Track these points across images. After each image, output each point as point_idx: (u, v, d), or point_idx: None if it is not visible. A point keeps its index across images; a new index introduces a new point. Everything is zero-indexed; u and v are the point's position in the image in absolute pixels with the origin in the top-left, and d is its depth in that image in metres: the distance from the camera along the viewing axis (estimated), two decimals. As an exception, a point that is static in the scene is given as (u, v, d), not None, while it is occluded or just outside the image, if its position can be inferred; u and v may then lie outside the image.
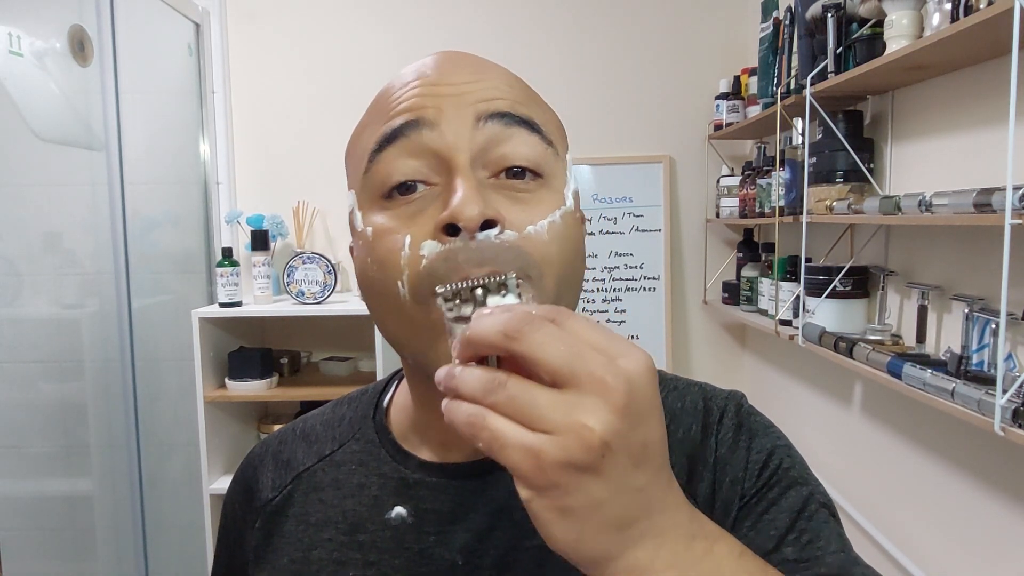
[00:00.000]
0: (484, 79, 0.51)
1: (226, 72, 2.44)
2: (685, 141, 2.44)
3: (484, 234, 0.46)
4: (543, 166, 0.50)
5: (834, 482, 1.80)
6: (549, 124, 0.53)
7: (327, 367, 2.34)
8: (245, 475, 0.65)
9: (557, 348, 0.34)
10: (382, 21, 2.43)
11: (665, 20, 2.41)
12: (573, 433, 0.33)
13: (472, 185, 0.47)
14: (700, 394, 0.59)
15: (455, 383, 0.36)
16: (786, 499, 0.51)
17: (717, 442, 0.55)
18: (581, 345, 0.35)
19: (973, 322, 1.18)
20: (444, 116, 0.49)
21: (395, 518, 0.56)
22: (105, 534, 2.20)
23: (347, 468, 0.60)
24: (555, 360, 0.34)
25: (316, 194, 2.43)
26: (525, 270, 0.47)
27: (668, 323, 2.42)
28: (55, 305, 2.21)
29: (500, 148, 0.49)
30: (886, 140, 1.53)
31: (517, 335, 0.35)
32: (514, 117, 0.50)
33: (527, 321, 0.35)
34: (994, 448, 1.22)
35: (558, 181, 0.52)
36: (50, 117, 1.98)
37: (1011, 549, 1.19)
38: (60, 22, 1.96)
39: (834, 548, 0.50)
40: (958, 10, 1.11)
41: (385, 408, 0.63)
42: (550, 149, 0.51)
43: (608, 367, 0.34)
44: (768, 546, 0.50)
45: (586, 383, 0.34)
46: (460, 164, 0.48)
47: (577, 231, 0.52)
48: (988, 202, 1.01)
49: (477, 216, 0.46)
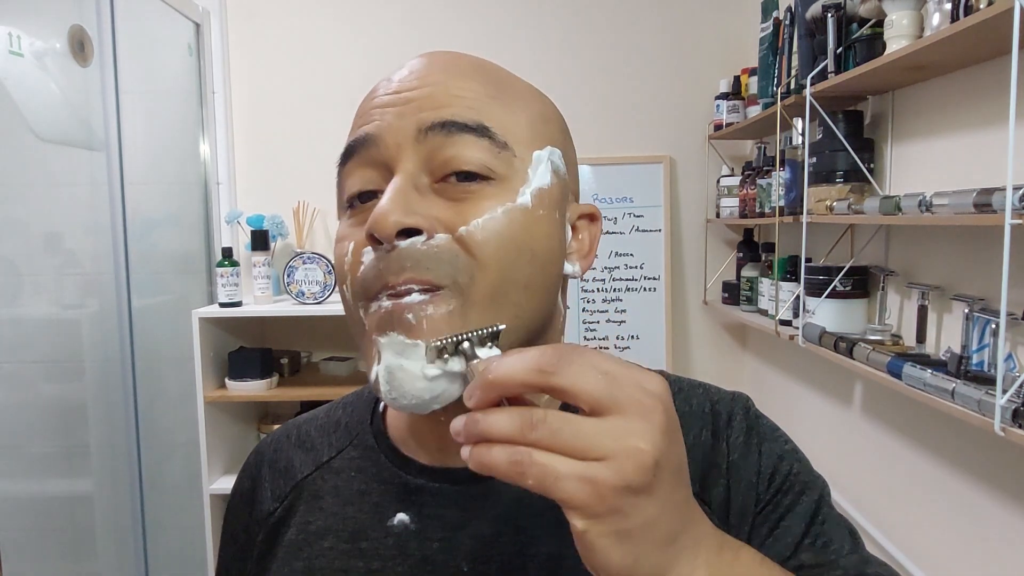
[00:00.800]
0: (437, 83, 0.50)
1: (226, 72, 2.44)
2: (685, 141, 2.44)
3: (409, 242, 0.46)
4: (493, 169, 0.49)
5: (834, 482, 1.80)
6: (512, 123, 0.51)
7: (327, 367, 2.34)
8: (244, 487, 0.64)
9: (594, 376, 0.35)
10: (382, 21, 2.43)
11: (665, 20, 2.41)
12: (627, 456, 0.34)
13: (396, 194, 0.47)
14: (706, 396, 0.59)
15: (482, 428, 0.36)
16: (800, 505, 0.53)
17: (729, 447, 0.55)
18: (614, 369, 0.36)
19: (973, 322, 1.18)
20: (389, 129, 0.49)
21: (397, 525, 0.55)
22: (105, 534, 2.20)
23: (346, 475, 0.59)
24: (595, 390, 0.35)
25: (316, 194, 2.43)
26: (451, 276, 0.46)
27: (668, 323, 2.42)
28: (55, 305, 2.21)
29: (444, 153, 0.48)
30: (886, 140, 1.53)
31: (553, 369, 0.35)
32: (457, 124, 0.48)
33: (559, 355, 0.35)
34: (994, 448, 1.22)
35: (514, 181, 0.49)
36: (50, 117, 1.98)
37: (1011, 549, 1.19)
38: (60, 22, 1.96)
39: (847, 549, 0.52)
40: (958, 10, 1.11)
41: (382, 413, 0.62)
42: (503, 152, 0.49)
43: (643, 391, 0.36)
44: (786, 553, 0.51)
45: (628, 408, 0.35)
46: (396, 172, 0.49)
47: (532, 229, 0.49)
48: (988, 202, 1.01)
49: (391, 226, 0.46)
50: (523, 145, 0.51)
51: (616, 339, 2.45)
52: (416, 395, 0.46)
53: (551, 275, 0.52)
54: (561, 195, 0.53)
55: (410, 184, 0.48)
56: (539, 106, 0.55)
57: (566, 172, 0.54)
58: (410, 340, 0.46)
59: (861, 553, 0.52)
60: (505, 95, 0.52)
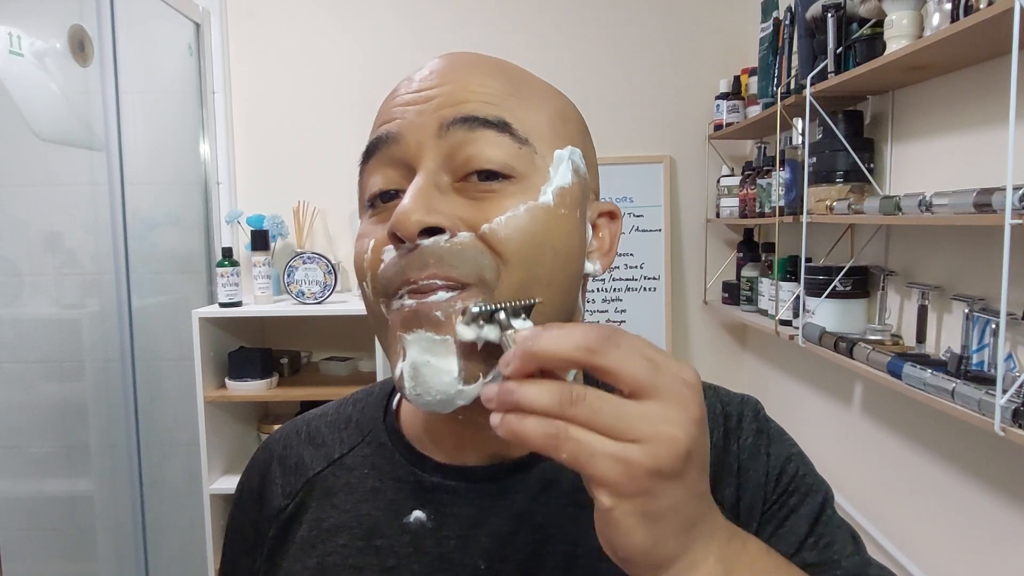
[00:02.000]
0: (458, 81, 0.50)
1: (226, 72, 2.44)
2: (685, 141, 2.44)
3: (431, 240, 0.46)
4: (514, 166, 0.49)
5: (834, 482, 1.79)
6: (532, 121, 0.51)
7: (327, 367, 2.34)
8: (252, 484, 0.64)
9: (639, 362, 0.36)
10: (382, 21, 2.43)
11: (665, 20, 2.41)
12: (663, 442, 0.35)
13: (419, 192, 0.47)
14: (716, 398, 0.60)
15: (518, 397, 0.36)
16: (805, 506, 0.55)
17: (739, 448, 0.56)
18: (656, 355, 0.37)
19: (973, 322, 1.18)
20: (411, 127, 0.49)
21: (414, 522, 0.55)
22: (105, 534, 2.20)
23: (359, 472, 0.59)
24: (639, 374, 0.36)
25: (316, 194, 2.42)
26: (476, 273, 0.46)
27: (668, 323, 2.42)
28: (55, 305, 2.21)
29: (465, 151, 0.49)
30: (886, 140, 1.53)
31: (600, 348, 0.36)
32: (478, 119, 0.49)
33: (606, 336, 0.36)
34: (994, 448, 1.22)
35: (535, 179, 0.50)
36: (50, 117, 1.98)
37: (1011, 549, 1.19)
38: (60, 22, 1.97)
39: (849, 551, 0.54)
40: (958, 10, 1.11)
41: (395, 410, 0.62)
42: (524, 148, 0.49)
43: (682, 381, 0.37)
44: (790, 551, 0.53)
45: (668, 395, 0.36)
46: (417, 171, 0.49)
47: (553, 227, 0.49)
48: (988, 202, 1.01)
49: (413, 225, 0.46)
50: (544, 142, 0.51)
51: (616, 339, 2.45)
52: (442, 390, 0.46)
53: (572, 273, 0.52)
54: (582, 194, 0.53)
55: (431, 183, 0.48)
56: (558, 105, 0.55)
57: (586, 172, 0.54)
58: (439, 336, 0.46)
59: (863, 555, 0.54)
60: (524, 93, 0.52)
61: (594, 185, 0.56)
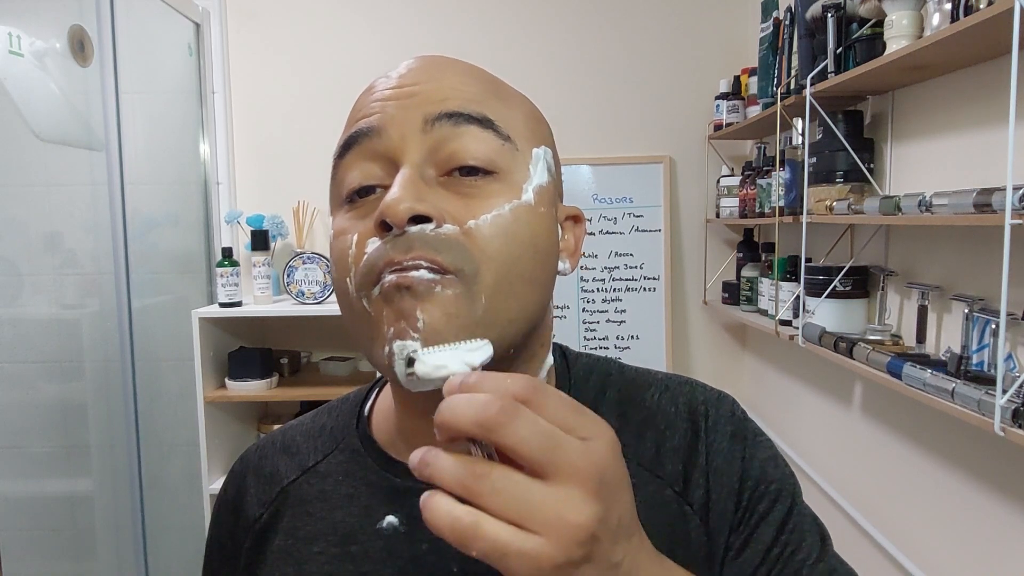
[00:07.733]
0: (438, 79, 0.51)
1: (226, 72, 2.44)
2: (685, 141, 2.44)
3: (418, 228, 0.47)
4: (497, 162, 0.50)
5: (834, 482, 1.80)
6: (511, 119, 0.52)
7: (327, 367, 2.34)
8: (229, 495, 0.64)
9: (535, 438, 0.35)
10: (382, 21, 2.43)
11: (665, 20, 2.41)
12: (566, 532, 0.35)
13: (407, 182, 0.47)
14: (691, 394, 0.59)
15: (430, 472, 0.36)
16: (773, 513, 0.55)
17: (709, 448, 0.56)
18: (555, 430, 0.36)
19: (973, 322, 1.18)
20: (393, 121, 0.50)
21: (387, 527, 0.55)
22: (105, 534, 2.20)
23: (333, 479, 0.59)
24: (534, 452, 0.35)
25: (316, 194, 2.43)
26: (458, 264, 0.46)
27: (668, 323, 2.42)
28: (55, 305, 2.21)
29: (450, 146, 0.49)
30: (886, 140, 1.53)
31: (494, 426, 0.35)
32: (463, 115, 0.49)
33: (502, 411, 0.35)
34: (994, 448, 1.22)
35: (517, 176, 0.51)
36: (50, 117, 1.98)
37: (1011, 549, 1.19)
38: (60, 22, 1.97)
39: (815, 558, 0.54)
40: (958, 10, 1.11)
41: (367, 416, 0.62)
42: (507, 144, 0.51)
43: (582, 453, 0.36)
44: (756, 560, 0.53)
45: (565, 473, 0.35)
46: (402, 164, 0.49)
47: (535, 225, 0.50)
48: (988, 202, 1.01)
49: (404, 211, 0.46)
50: (523, 140, 0.52)
51: (616, 339, 2.45)
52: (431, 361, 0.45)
53: (549, 270, 0.53)
54: (555, 194, 0.55)
55: (418, 175, 0.49)
56: (529, 107, 0.56)
57: (556, 173, 0.56)
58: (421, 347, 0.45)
59: (828, 561, 0.54)
60: (502, 94, 0.54)
61: (559, 188, 0.58)
